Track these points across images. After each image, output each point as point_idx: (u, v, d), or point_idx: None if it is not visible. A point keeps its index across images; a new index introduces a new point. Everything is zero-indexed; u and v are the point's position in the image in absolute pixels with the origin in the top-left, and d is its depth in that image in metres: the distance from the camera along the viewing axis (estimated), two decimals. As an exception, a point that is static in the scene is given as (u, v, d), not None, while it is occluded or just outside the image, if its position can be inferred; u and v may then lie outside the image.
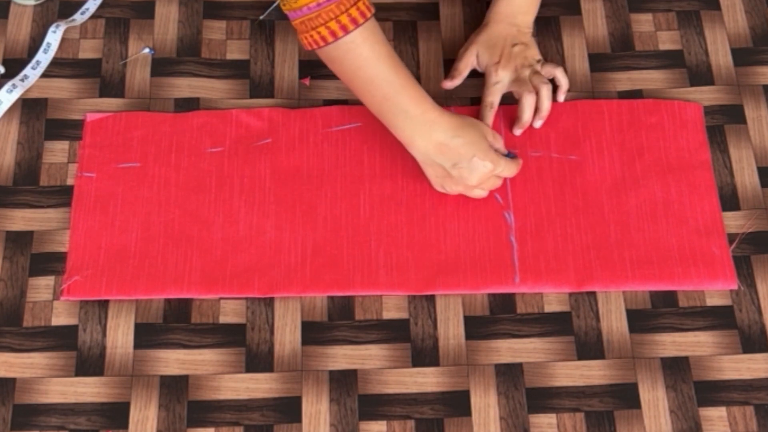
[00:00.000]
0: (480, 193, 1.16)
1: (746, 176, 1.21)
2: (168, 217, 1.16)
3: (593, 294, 1.13)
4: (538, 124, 1.22)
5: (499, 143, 1.16)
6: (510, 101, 1.23)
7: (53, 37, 1.26)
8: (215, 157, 1.20)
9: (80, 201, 1.16)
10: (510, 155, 1.16)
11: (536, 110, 1.21)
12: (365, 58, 1.08)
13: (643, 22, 1.32)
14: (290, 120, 1.22)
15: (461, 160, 1.10)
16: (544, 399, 1.08)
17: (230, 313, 1.12)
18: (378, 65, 1.08)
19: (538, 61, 1.23)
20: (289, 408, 1.07)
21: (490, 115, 1.20)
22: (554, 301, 1.13)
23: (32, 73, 1.24)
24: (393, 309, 1.12)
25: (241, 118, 1.22)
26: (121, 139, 1.20)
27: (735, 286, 1.14)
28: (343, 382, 1.08)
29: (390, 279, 1.13)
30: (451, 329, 1.11)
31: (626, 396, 1.08)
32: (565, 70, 1.25)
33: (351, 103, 1.24)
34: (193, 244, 1.14)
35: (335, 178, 1.19)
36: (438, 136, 1.10)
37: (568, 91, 1.24)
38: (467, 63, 1.24)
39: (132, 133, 1.21)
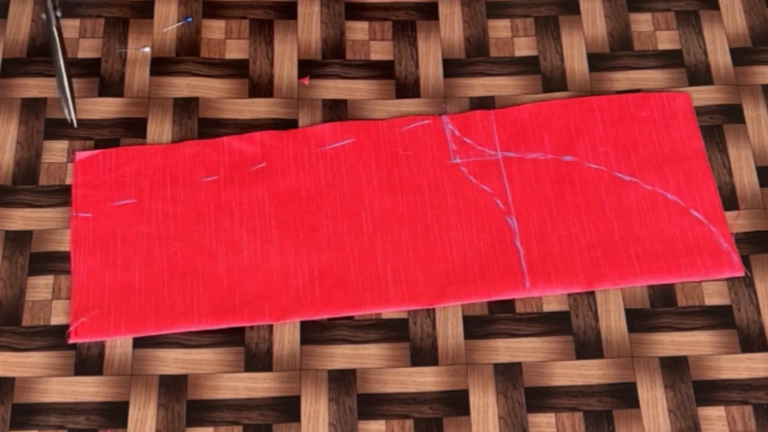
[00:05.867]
0: None
1: (745, 176, 1.21)
2: (170, 250, 1.14)
3: (592, 293, 1.13)
4: None
5: None
6: (503, 104, 1.23)
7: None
8: (211, 187, 1.18)
9: (78, 242, 1.14)
10: None
11: None
12: None
13: (642, 22, 1.32)
14: (283, 142, 1.21)
15: None
16: (542, 398, 1.08)
17: (229, 312, 1.12)
18: None
19: None
20: (288, 407, 1.07)
21: None
22: (553, 300, 1.13)
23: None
24: (392, 308, 1.12)
25: (233, 144, 1.21)
26: (113, 176, 1.18)
27: (742, 273, 1.13)
28: (342, 381, 1.08)
29: (400, 294, 1.12)
30: (450, 329, 1.11)
31: (625, 395, 1.08)
32: None
33: (345, 110, 1.24)
34: (199, 276, 1.13)
35: (334, 197, 1.18)
36: None
37: (568, 90, 1.24)
38: None
39: (124, 168, 1.19)
